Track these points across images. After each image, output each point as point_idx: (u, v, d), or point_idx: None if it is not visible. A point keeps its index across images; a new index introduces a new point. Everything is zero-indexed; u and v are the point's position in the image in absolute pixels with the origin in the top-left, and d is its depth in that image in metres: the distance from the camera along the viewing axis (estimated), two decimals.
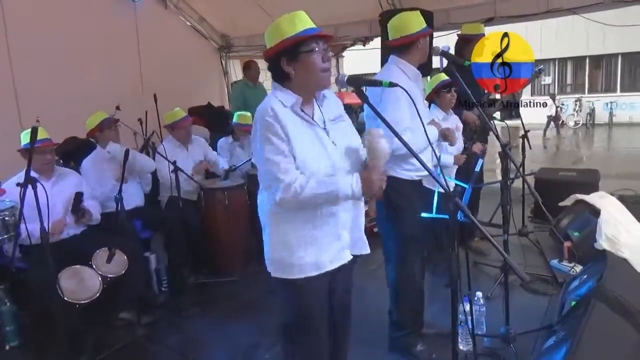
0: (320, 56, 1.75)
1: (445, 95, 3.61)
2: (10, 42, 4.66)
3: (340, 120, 1.92)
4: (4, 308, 3.06)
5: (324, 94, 1.89)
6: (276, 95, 1.78)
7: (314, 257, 1.82)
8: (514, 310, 2.86)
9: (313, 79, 1.77)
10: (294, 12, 1.77)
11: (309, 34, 1.73)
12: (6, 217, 2.77)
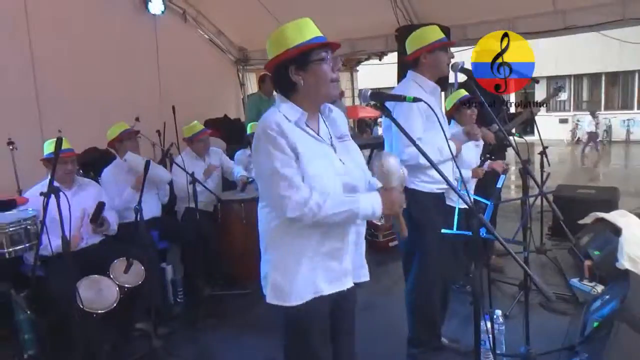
0: (330, 66, 1.69)
1: (466, 111, 3.60)
2: (35, 54, 4.76)
3: (347, 139, 1.83)
4: (23, 316, 3.08)
5: (330, 108, 1.82)
6: (280, 109, 1.69)
7: (313, 281, 1.72)
8: (534, 329, 2.81)
9: (322, 89, 1.69)
10: (300, 19, 1.70)
11: (318, 42, 1.66)
12: (28, 226, 2.81)
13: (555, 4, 5.12)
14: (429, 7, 5.66)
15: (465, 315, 3.34)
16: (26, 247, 2.79)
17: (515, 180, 9.18)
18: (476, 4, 5.36)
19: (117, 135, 3.95)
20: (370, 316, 3.54)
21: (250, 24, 6.85)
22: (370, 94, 1.82)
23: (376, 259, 4.87)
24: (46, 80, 4.85)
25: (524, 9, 5.33)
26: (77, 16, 5.17)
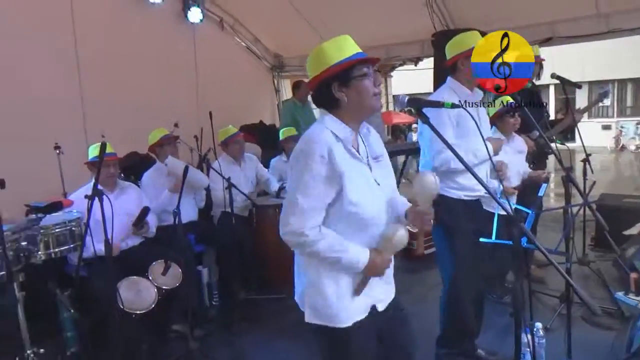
0: (371, 81, 1.72)
1: (509, 119, 3.52)
2: (80, 62, 4.95)
3: (382, 160, 1.84)
4: (67, 314, 3.20)
5: (368, 128, 1.83)
6: (327, 125, 1.70)
7: (355, 303, 1.74)
8: (576, 344, 2.71)
9: (365, 104, 1.71)
10: (339, 37, 1.72)
11: (359, 58, 1.68)
12: (73, 228, 2.91)
13: (598, 7, 4.95)
14: (466, 12, 5.57)
15: (503, 326, 3.26)
16: (70, 247, 2.89)
17: (554, 188, 8.90)
18: (515, 8, 5.24)
19: (158, 140, 4.07)
20: None
21: (285, 31, 6.93)
22: (407, 100, 1.81)
23: (410, 266, 4.81)
24: (91, 87, 5.03)
25: (565, 13, 5.18)
26: (120, 25, 5.34)
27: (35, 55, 4.53)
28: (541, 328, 2.85)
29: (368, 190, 1.71)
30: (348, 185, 1.64)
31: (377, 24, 5.92)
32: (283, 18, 6.49)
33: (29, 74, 4.47)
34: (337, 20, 6.11)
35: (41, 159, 4.18)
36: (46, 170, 4.13)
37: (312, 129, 1.72)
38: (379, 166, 1.81)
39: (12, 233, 2.57)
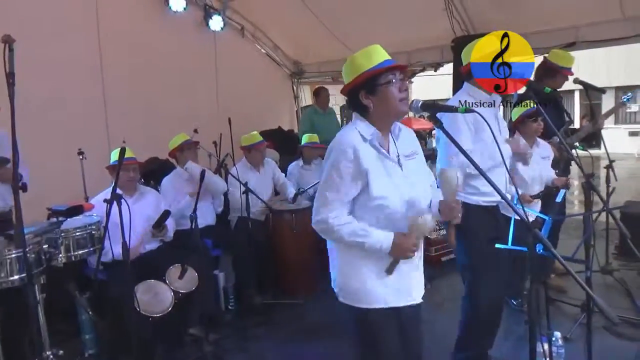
0: (398, 86, 1.80)
1: (532, 124, 3.46)
2: (104, 68, 5.08)
3: (415, 156, 1.94)
4: (85, 317, 3.26)
5: (400, 127, 1.93)
6: (357, 126, 1.83)
7: (382, 291, 1.85)
8: (597, 354, 2.62)
9: (391, 109, 1.81)
10: (369, 46, 1.83)
11: (385, 66, 1.78)
12: (93, 231, 2.96)
13: (624, 11, 4.84)
14: (486, 17, 5.50)
15: (521, 334, 3.20)
16: (90, 251, 2.94)
17: (578, 195, 8.71)
18: (537, 12, 5.16)
19: (179, 145, 4.13)
20: None
21: (305, 38, 6.98)
22: (421, 105, 1.82)
23: (427, 273, 4.73)
24: (114, 94, 5.15)
25: (590, 17, 5.07)
26: (143, 33, 5.45)
27: (60, 61, 4.64)
28: (560, 337, 2.78)
29: (395, 186, 1.81)
30: (373, 181, 1.77)
31: (396, 30, 5.90)
32: (303, 25, 6.53)
33: (55, 80, 4.58)
34: (356, 27, 6.12)
35: (64, 163, 4.30)
36: (69, 175, 4.24)
37: (343, 130, 1.88)
38: (411, 164, 1.91)
39: (34, 236, 2.63)
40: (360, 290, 1.85)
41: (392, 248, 1.79)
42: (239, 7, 6.56)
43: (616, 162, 4.22)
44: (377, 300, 1.85)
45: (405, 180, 1.84)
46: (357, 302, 1.86)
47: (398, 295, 1.88)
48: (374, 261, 1.83)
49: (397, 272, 1.85)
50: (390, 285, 1.85)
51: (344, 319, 1.93)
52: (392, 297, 1.86)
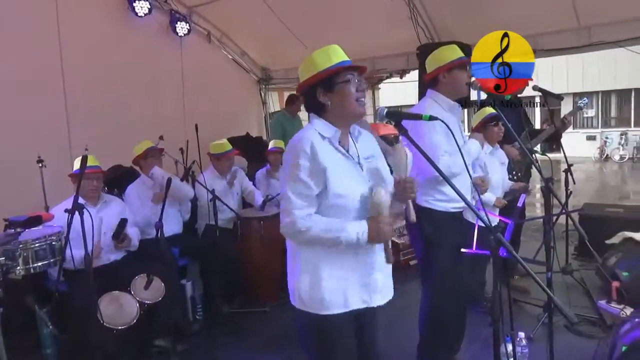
0: (355, 86, 1.79)
1: (493, 128, 3.56)
2: (65, 72, 4.92)
3: (374, 159, 1.91)
4: (46, 330, 3.14)
5: (359, 129, 1.92)
6: (315, 126, 1.81)
7: (342, 295, 1.80)
8: (559, 352, 2.70)
9: (348, 108, 1.79)
10: (328, 46, 1.82)
11: (343, 66, 1.78)
12: (53, 242, 2.86)
13: (579, 20, 5.05)
14: (450, 25, 5.64)
15: (486, 336, 3.26)
16: (50, 262, 2.83)
17: (540, 198, 8.99)
18: (498, 21, 5.26)
19: (142, 152, 4.05)
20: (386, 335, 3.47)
21: (273, 44, 6.97)
22: (386, 113, 1.84)
23: (395, 277, 4.79)
24: (76, 100, 4.99)
25: (547, 26, 5.26)
26: (106, 37, 5.33)
27: (19, 67, 4.49)
28: (524, 337, 2.86)
29: (356, 185, 1.78)
30: (332, 179, 1.73)
31: (363, 36, 5.97)
32: (270, 31, 6.52)
33: (13, 87, 4.43)
34: (323, 33, 6.13)
35: (24, 172, 4.14)
36: (28, 184, 4.08)
37: (301, 130, 1.84)
38: (371, 165, 1.88)
39: None
40: (320, 296, 1.78)
41: (370, 234, 1.73)
42: (205, 13, 6.50)
43: (574, 166, 4.38)
44: (337, 304, 1.79)
45: (365, 180, 1.82)
46: (315, 309, 1.80)
47: (359, 298, 1.82)
48: (336, 264, 1.78)
49: (358, 274, 1.81)
50: (351, 288, 1.80)
51: (299, 326, 1.88)
52: (352, 300, 1.81)
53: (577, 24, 5.09)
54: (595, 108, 19.32)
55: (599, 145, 18.51)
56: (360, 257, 1.81)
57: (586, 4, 4.83)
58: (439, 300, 2.76)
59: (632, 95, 18.80)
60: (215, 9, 6.32)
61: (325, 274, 1.79)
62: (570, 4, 4.85)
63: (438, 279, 2.72)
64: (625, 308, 3.58)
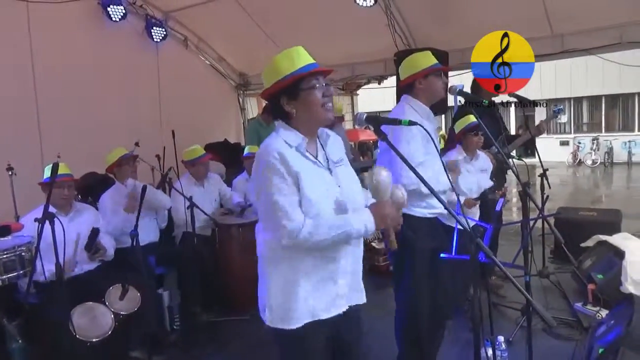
0: (321, 92, 1.71)
1: (472, 137, 3.59)
2: (37, 78, 4.80)
3: (343, 164, 1.86)
4: (16, 345, 3.01)
5: (327, 133, 1.86)
6: (280, 135, 1.73)
7: (310, 305, 1.73)
8: (537, 355, 2.72)
9: (315, 115, 1.73)
10: (292, 48, 1.73)
11: (308, 71, 1.68)
12: (23, 253, 2.77)
13: (552, 29, 5.16)
14: (426, 32, 5.71)
15: (466, 341, 3.27)
16: (20, 274, 2.75)
17: (517, 202, 9.12)
18: (473, 29, 5.37)
19: (116, 160, 3.96)
20: (369, 340, 3.45)
21: (250, 49, 6.93)
22: (365, 118, 1.82)
23: (376, 282, 4.79)
24: (48, 106, 4.87)
25: (520, 33, 5.30)
26: (80, 42, 5.24)
27: None
28: (503, 341, 2.87)
29: (326, 191, 1.72)
30: (304, 186, 1.65)
31: (341, 43, 6.00)
32: (248, 37, 6.50)
33: None
34: (302, 39, 6.04)
35: None
36: None
37: (267, 139, 1.75)
38: (340, 170, 1.82)
39: None
40: (291, 308, 1.71)
41: (376, 220, 1.68)
42: (181, 18, 6.44)
43: (549, 171, 4.45)
44: (305, 315, 1.72)
45: (335, 185, 1.75)
46: (286, 323, 1.73)
47: (328, 306, 1.76)
48: (301, 276, 1.71)
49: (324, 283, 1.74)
50: (320, 297, 1.74)
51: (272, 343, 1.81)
52: (321, 310, 1.74)
53: (550, 32, 5.20)
54: (568, 114, 19.78)
55: (572, 151, 18.94)
56: (324, 266, 1.74)
57: (559, 13, 4.95)
58: (414, 306, 2.71)
59: (603, 101, 19.33)
60: (192, 14, 6.27)
61: (290, 286, 1.71)
62: (544, 13, 4.96)
63: (413, 285, 2.69)
64: (601, 310, 3.64)
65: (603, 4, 4.71)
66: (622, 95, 18.69)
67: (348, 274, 1.82)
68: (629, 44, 4.84)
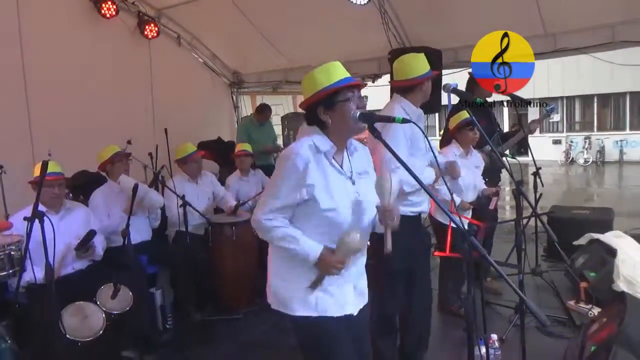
0: (355, 104, 1.82)
1: (468, 133, 3.58)
2: (27, 75, 4.74)
3: (367, 176, 1.96)
4: (4, 346, 2.96)
5: (355, 146, 1.96)
6: (313, 139, 1.83)
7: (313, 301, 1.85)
8: (530, 353, 2.73)
9: (348, 126, 1.82)
10: (329, 63, 1.86)
11: (345, 84, 1.81)
12: (12, 252, 2.73)
13: (545, 27, 5.17)
14: (420, 31, 5.70)
15: (459, 340, 3.27)
16: (9, 273, 2.71)
17: (510, 201, 9.17)
18: (466, 28, 5.40)
19: (108, 158, 3.92)
20: None
21: (244, 47, 6.90)
22: (359, 115, 1.81)
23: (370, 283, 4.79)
24: (39, 103, 4.81)
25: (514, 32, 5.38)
26: (71, 39, 5.17)
27: None
28: (497, 339, 2.88)
29: (346, 200, 1.84)
30: (321, 194, 1.78)
31: (335, 41, 5.97)
32: (241, 35, 6.46)
33: None
34: (295, 38, 6.13)
35: None
36: None
37: (299, 140, 1.87)
38: (363, 182, 1.93)
39: None
40: (293, 298, 1.86)
41: (319, 262, 1.80)
42: (174, 15, 6.38)
43: (542, 169, 4.47)
44: (309, 307, 1.85)
45: (355, 195, 1.86)
46: (285, 308, 1.88)
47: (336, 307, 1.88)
48: (307, 269, 1.84)
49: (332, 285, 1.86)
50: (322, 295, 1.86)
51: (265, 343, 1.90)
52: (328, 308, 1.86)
53: (542, 31, 5.21)
54: (560, 113, 19.92)
55: (564, 149, 19.08)
56: None
57: (552, 12, 4.95)
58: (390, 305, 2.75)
59: (595, 100, 19.47)
60: (184, 12, 6.22)
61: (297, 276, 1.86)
62: (537, 12, 4.96)
63: (389, 281, 2.72)
64: (593, 308, 3.66)
65: (595, 4, 4.72)
66: (614, 95, 18.84)
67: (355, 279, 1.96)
68: (621, 43, 4.85)
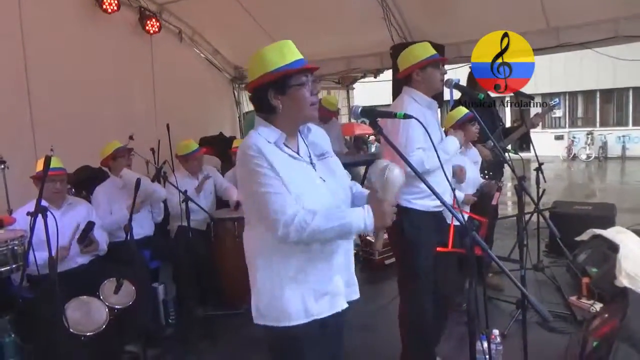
0: (309, 90, 1.68)
1: (470, 127, 3.56)
2: (29, 71, 4.74)
3: (328, 156, 1.82)
4: (8, 340, 2.99)
5: (309, 127, 1.81)
6: (259, 132, 1.69)
7: (303, 304, 1.68)
8: (532, 349, 2.72)
9: (301, 113, 1.69)
10: (281, 41, 1.69)
11: (298, 67, 1.64)
12: (15, 247, 2.75)
13: (548, 22, 5.15)
14: (422, 26, 5.68)
15: (461, 335, 3.28)
16: (13, 268, 2.72)
17: (512, 196, 9.16)
18: (469, 22, 5.38)
19: (110, 153, 3.93)
20: (365, 335, 3.47)
21: (246, 42, 6.86)
22: (360, 111, 1.81)
23: (371, 277, 4.82)
24: (41, 99, 4.82)
25: (517, 27, 5.29)
26: (73, 34, 5.17)
27: None
28: (498, 335, 2.88)
29: (311, 187, 1.67)
30: (285, 180, 1.61)
31: (337, 36, 5.96)
32: (243, 30, 6.44)
33: None
34: (296, 32, 6.03)
35: None
36: None
37: (246, 138, 1.71)
38: (324, 163, 1.79)
39: None
40: (280, 307, 1.67)
41: (376, 219, 1.61)
42: (176, 10, 6.38)
43: (544, 165, 4.46)
44: (298, 314, 1.68)
45: (319, 180, 1.71)
46: (276, 321, 1.69)
47: (321, 305, 1.72)
48: (293, 273, 1.67)
49: (317, 280, 1.70)
50: (311, 296, 1.69)
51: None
52: (314, 309, 1.70)
53: (546, 26, 5.19)
54: (563, 108, 19.86)
55: (566, 145, 19.04)
56: (317, 263, 1.70)
57: (555, 7, 4.93)
58: (419, 303, 2.69)
59: (597, 96, 19.40)
60: (186, 7, 6.21)
61: (282, 283, 1.67)
62: (540, 6, 4.94)
63: (419, 281, 2.67)
64: (595, 304, 3.66)
65: None
66: (617, 90, 18.76)
67: (343, 270, 1.79)
68: (624, 37, 4.83)
